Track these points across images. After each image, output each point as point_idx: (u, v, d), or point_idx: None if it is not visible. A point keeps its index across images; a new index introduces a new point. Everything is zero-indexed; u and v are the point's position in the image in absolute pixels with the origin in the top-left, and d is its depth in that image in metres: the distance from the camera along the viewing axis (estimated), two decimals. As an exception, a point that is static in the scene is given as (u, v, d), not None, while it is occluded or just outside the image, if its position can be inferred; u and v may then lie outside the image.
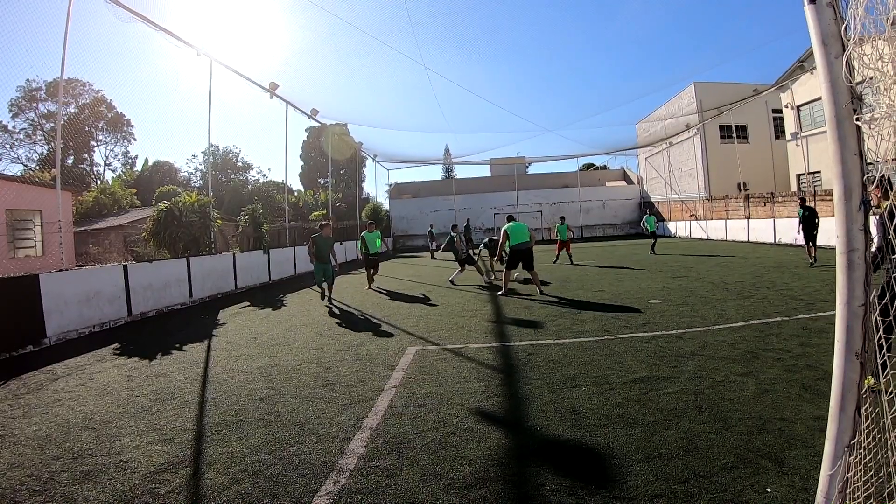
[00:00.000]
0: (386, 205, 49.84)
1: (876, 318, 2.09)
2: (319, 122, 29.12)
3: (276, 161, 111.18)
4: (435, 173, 74.24)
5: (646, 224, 24.98)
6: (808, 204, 17.58)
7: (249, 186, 59.42)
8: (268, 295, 16.10)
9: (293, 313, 11.66)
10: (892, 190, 2.07)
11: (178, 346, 8.89)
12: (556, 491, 3.62)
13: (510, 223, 13.33)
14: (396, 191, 53.84)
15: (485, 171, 56.51)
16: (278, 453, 4.39)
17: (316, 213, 37.12)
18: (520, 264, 13.29)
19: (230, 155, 62.79)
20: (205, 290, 15.38)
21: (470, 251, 17.92)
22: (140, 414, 5.56)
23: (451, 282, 16.07)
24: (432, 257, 30.27)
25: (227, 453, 4.45)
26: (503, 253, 13.91)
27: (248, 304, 14.25)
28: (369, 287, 15.91)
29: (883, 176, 1.98)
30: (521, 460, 4.12)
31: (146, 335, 10.29)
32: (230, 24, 33.10)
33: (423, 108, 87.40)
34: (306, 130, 62.14)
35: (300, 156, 63.68)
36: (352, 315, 11.39)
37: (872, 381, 2.11)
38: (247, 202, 29.37)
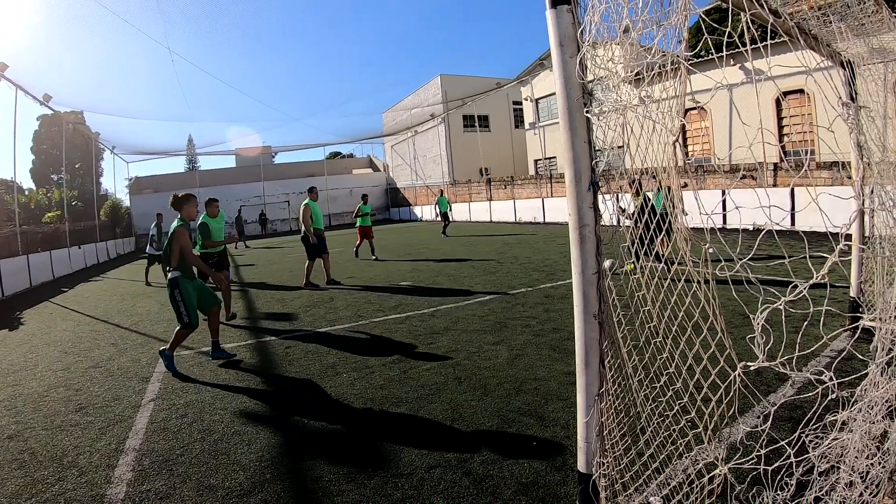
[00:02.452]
0: (126, 201, 45.20)
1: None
2: (53, 110, 25.33)
3: (3, 156, 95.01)
4: (178, 165, 69.03)
5: (438, 206, 24.86)
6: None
7: (-28, 187, 49.67)
8: (0, 314, 13.68)
9: (33, 332, 10.07)
10: (641, 190, 2.38)
11: None
12: (335, 480, 3.63)
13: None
14: (137, 185, 48.78)
15: (230, 162, 53.78)
16: (40, 496, 3.76)
17: (51, 214, 32.50)
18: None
19: (-52, 151, 51.68)
20: (-76, 317, 12.42)
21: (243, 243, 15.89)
22: None
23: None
24: None
25: (-24, 507, 3.74)
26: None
27: (-23, 327, 11.97)
28: (228, 315, 9.41)
29: (635, 180, 2.30)
30: (294, 456, 4.06)
31: None
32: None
33: (166, 96, 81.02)
34: (38, 119, 53.51)
35: (31, 149, 54.67)
36: (97, 326, 10.15)
37: (632, 267, 2.43)
38: (-31, 206, 24.60)
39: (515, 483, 3.42)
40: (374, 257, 17.21)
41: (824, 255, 1.59)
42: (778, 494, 2.17)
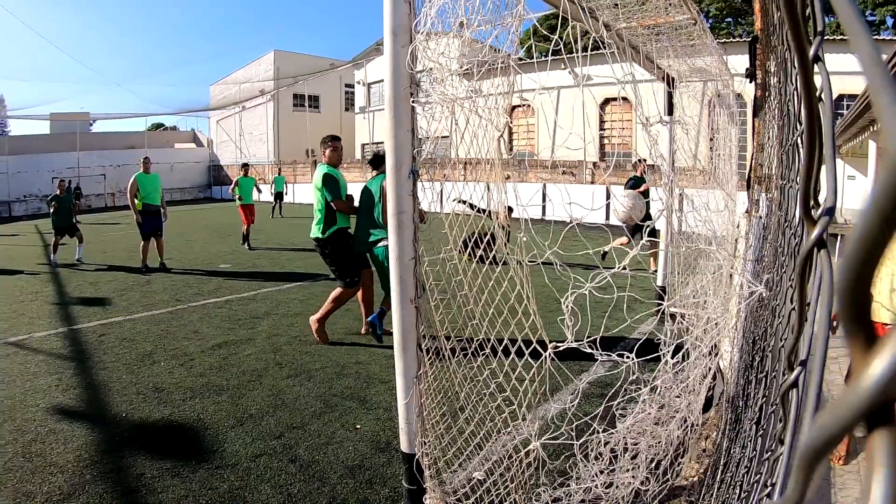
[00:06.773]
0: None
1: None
2: None
3: None
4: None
5: (274, 186, 23.56)
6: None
7: None
8: None
9: None
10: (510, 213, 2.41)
11: None
12: (159, 475, 3.43)
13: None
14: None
15: (45, 128, 47.59)
16: None
17: None
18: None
19: None
20: None
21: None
22: None
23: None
24: None
25: None
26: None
27: None
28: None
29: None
30: (114, 453, 3.75)
31: None
32: None
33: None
34: None
35: None
36: None
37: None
38: None
39: (342, 467, 3.47)
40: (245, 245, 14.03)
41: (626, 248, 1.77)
42: (593, 464, 2.37)
